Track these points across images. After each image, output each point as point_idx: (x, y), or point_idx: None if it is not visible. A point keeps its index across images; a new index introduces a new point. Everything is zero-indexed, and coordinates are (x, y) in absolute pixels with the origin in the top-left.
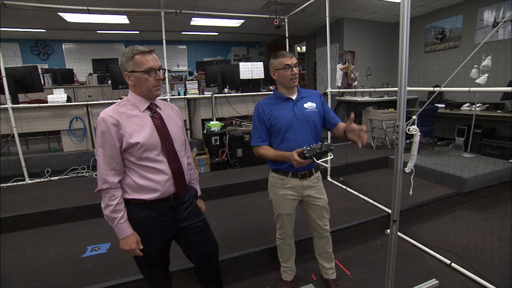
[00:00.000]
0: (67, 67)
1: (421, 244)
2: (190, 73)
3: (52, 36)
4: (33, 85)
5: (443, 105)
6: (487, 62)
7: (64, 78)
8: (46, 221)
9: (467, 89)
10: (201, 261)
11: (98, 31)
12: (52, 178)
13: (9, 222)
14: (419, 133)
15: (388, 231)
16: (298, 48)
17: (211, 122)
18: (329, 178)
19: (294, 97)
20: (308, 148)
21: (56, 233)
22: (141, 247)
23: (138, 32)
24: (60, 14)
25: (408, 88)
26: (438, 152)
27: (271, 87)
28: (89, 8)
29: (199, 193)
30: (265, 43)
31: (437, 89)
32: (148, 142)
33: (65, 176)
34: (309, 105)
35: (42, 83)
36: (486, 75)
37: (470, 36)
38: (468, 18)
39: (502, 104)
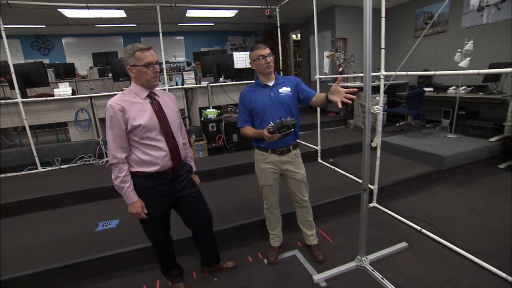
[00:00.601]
0: (67, 61)
1: (397, 214)
2: (188, 64)
3: (51, 31)
4: (40, 80)
5: (431, 89)
6: (469, 46)
7: (66, 72)
8: (60, 203)
9: (446, 72)
10: (198, 228)
11: (96, 25)
12: (62, 166)
13: (28, 205)
14: (382, 112)
15: (371, 204)
16: (294, 36)
17: (208, 110)
18: (319, 160)
19: (271, 83)
20: (272, 124)
21: (70, 213)
22: (146, 211)
23: (135, 25)
24: (60, 10)
25: (384, 73)
26: (426, 133)
27: None
28: (88, 4)
29: (194, 169)
30: (260, 32)
31: (410, 73)
32: (148, 124)
33: (74, 164)
34: (284, 89)
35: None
36: (468, 58)
37: (456, 20)
38: (455, 3)
39: (485, 86)
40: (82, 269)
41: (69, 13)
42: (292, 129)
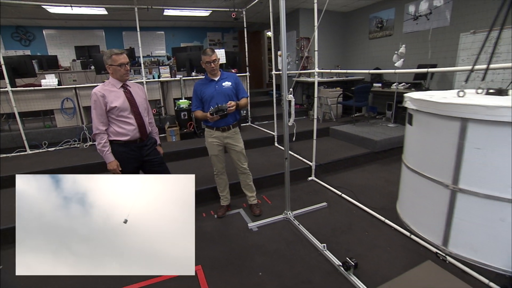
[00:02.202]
0: (49, 53)
1: (329, 185)
2: (168, 58)
3: (32, 23)
4: (27, 71)
5: (380, 84)
6: (402, 49)
7: (49, 64)
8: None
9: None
10: None
11: (78, 20)
12: (49, 149)
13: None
14: (293, 99)
15: (310, 178)
16: (268, 33)
17: (181, 101)
18: (276, 144)
19: (216, 78)
20: (212, 108)
21: None
22: (120, 168)
23: (117, 20)
24: (44, 6)
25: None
26: (372, 123)
27: (233, 70)
28: (72, 5)
29: (158, 141)
30: (237, 28)
31: (334, 71)
32: (122, 106)
33: (60, 147)
34: (226, 83)
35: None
36: (402, 59)
37: (400, 26)
38: (398, 11)
39: (419, 84)
40: None
41: (53, 9)
42: (226, 112)
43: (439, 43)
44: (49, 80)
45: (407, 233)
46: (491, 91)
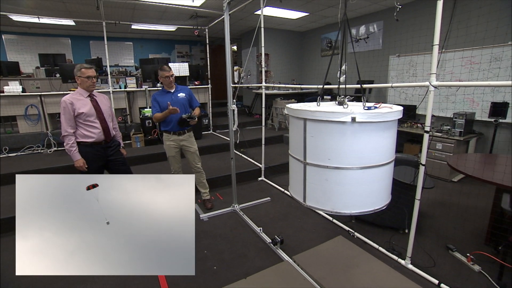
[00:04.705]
0: (8, 59)
1: (275, 184)
2: (136, 68)
3: None
4: None
5: (330, 97)
6: (344, 67)
7: (9, 70)
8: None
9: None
10: None
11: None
12: (10, 155)
13: None
14: (236, 108)
15: (260, 178)
16: (234, 47)
17: (146, 109)
18: (234, 151)
19: (172, 90)
20: (183, 115)
21: None
22: (86, 166)
23: (84, 30)
24: (9, 15)
25: (264, 84)
26: None
27: (196, 83)
28: (39, 16)
29: (122, 144)
30: (205, 42)
31: (277, 85)
32: (88, 112)
33: (22, 153)
34: (181, 94)
35: None
36: (344, 76)
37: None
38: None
39: (361, 97)
40: None
41: (17, 17)
42: (195, 119)
43: (375, 63)
44: (13, 87)
45: (330, 218)
46: (337, 102)
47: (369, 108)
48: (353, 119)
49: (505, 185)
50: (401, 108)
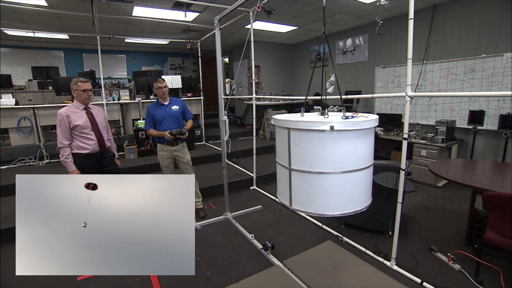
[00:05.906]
0: (1, 72)
1: (266, 192)
2: (129, 80)
3: None
4: None
5: (320, 107)
6: (332, 78)
7: (1, 83)
8: (6, 192)
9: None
10: None
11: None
12: (1, 167)
13: None
14: (227, 119)
15: (252, 187)
16: (226, 60)
17: (139, 121)
18: (226, 160)
19: (166, 103)
20: (173, 131)
21: None
22: None
23: (78, 43)
24: (5, 30)
25: (255, 96)
26: None
27: (188, 94)
28: (35, 31)
29: (116, 155)
30: (197, 54)
31: (267, 96)
32: (84, 125)
33: (13, 166)
34: (174, 107)
35: None
36: (332, 87)
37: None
38: (332, 46)
39: (350, 106)
40: None
41: (12, 31)
42: (185, 135)
43: (362, 74)
44: (6, 100)
45: (319, 224)
46: (320, 112)
47: (347, 117)
48: (332, 128)
49: (479, 187)
50: (376, 116)
